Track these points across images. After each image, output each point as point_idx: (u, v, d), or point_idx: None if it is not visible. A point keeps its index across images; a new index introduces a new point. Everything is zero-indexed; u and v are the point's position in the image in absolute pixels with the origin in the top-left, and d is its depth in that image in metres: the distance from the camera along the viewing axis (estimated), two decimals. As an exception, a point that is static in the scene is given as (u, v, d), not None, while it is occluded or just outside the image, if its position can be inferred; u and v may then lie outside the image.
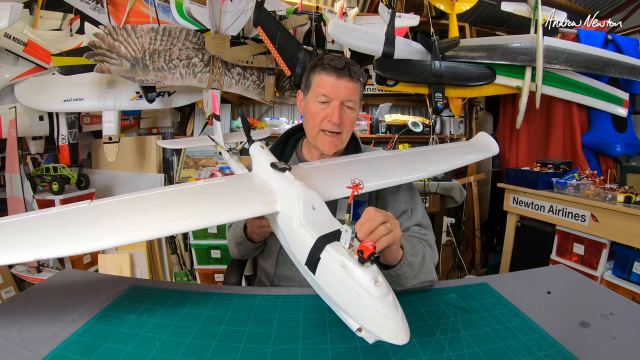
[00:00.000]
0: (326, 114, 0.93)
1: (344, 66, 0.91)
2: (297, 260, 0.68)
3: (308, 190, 0.69)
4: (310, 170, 0.90)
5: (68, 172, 2.26)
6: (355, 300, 0.51)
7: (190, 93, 2.35)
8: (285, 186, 0.74)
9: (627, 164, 2.14)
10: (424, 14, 2.40)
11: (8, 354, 0.60)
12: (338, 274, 0.54)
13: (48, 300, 0.80)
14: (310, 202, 0.67)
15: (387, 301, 0.50)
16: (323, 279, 0.58)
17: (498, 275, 1.37)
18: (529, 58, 2.13)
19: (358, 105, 0.97)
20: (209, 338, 0.66)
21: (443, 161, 1.06)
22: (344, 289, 0.53)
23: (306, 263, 0.61)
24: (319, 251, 0.58)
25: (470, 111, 2.79)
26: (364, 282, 0.51)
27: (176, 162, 2.64)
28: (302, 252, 0.62)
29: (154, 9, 2.10)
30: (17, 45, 2.03)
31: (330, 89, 0.92)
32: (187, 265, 2.57)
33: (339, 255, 0.55)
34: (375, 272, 0.52)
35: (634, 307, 0.77)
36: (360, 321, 0.52)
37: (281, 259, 1.02)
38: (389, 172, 0.93)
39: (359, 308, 0.51)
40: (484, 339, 0.65)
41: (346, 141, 1.01)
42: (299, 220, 0.65)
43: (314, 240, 0.60)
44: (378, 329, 0.49)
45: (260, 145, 0.93)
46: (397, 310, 0.50)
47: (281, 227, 0.73)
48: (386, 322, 0.49)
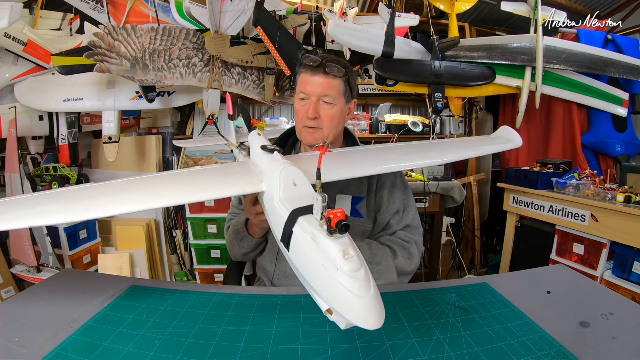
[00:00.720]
0: (305, 110, 0.97)
1: (319, 64, 0.94)
2: (278, 241, 0.64)
3: (291, 167, 0.66)
4: (307, 157, 0.90)
5: (68, 172, 2.26)
6: (323, 276, 0.46)
7: (190, 93, 2.35)
8: (270, 165, 0.74)
9: (627, 164, 2.14)
10: (424, 14, 2.40)
11: (8, 354, 0.60)
12: (308, 247, 0.49)
13: (48, 300, 0.80)
14: (292, 178, 0.65)
15: (357, 277, 0.43)
16: (295, 255, 0.54)
17: (498, 275, 1.38)
18: (529, 58, 2.13)
19: (339, 100, 0.98)
20: (209, 338, 0.66)
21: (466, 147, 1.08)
22: (313, 263, 0.48)
23: (281, 239, 0.58)
24: (292, 225, 0.55)
25: (470, 111, 2.79)
26: (332, 253, 0.45)
27: (176, 162, 2.64)
28: (280, 229, 0.59)
29: (154, 9, 2.10)
30: (17, 45, 2.03)
31: (307, 86, 0.97)
32: (187, 265, 2.57)
33: (309, 226, 0.51)
34: (345, 244, 0.46)
35: (634, 307, 0.77)
36: (328, 300, 0.47)
37: (280, 255, 1.03)
38: (393, 159, 0.94)
39: (326, 284, 0.46)
40: (484, 339, 0.65)
41: (330, 137, 1.01)
42: (279, 196, 0.63)
43: (288, 213, 0.56)
44: (345, 310, 0.43)
45: (257, 132, 0.93)
46: (369, 289, 0.43)
47: (266, 207, 0.72)
48: (355, 302, 0.42)
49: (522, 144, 1.09)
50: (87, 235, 2.30)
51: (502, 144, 1.09)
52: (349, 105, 1.04)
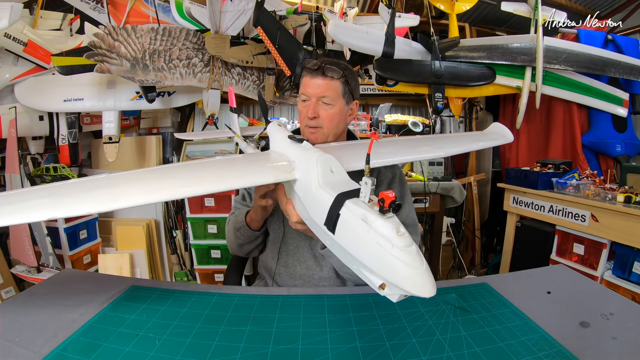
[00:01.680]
0: (306, 111, 1.01)
1: (318, 67, 0.99)
2: (315, 225, 0.67)
3: (326, 154, 0.68)
4: (328, 147, 0.92)
5: (68, 172, 2.26)
6: (378, 253, 0.49)
7: (190, 93, 2.35)
8: (302, 153, 0.74)
9: (627, 164, 2.14)
10: (424, 14, 2.40)
11: (8, 354, 0.60)
12: (359, 227, 0.52)
13: (48, 300, 0.80)
14: (329, 166, 0.67)
15: (411, 251, 0.47)
16: (343, 237, 0.56)
17: (498, 275, 1.38)
18: (529, 58, 2.13)
19: (338, 100, 1.01)
20: (209, 338, 0.66)
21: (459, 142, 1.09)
22: (366, 242, 0.51)
23: (325, 223, 0.59)
24: (338, 208, 0.56)
25: (470, 111, 2.79)
26: (386, 232, 0.49)
27: (176, 162, 2.64)
28: (321, 212, 0.61)
29: (154, 9, 2.10)
30: (17, 45, 2.03)
31: (307, 88, 1.01)
32: (187, 265, 2.57)
33: (359, 208, 0.53)
34: (397, 222, 0.50)
35: (634, 307, 0.77)
36: (383, 275, 0.50)
37: (283, 249, 1.05)
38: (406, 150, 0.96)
39: (381, 260, 0.49)
40: (484, 339, 0.65)
41: (330, 136, 1.03)
42: (317, 182, 0.65)
43: (333, 197, 0.58)
44: (403, 281, 0.47)
45: (278, 123, 0.95)
46: (422, 261, 0.47)
47: (299, 195, 0.72)
48: (411, 273, 0.46)
49: (513, 139, 1.13)
50: (87, 235, 2.30)
51: (496, 139, 1.13)
52: (350, 106, 1.05)
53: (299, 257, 1.03)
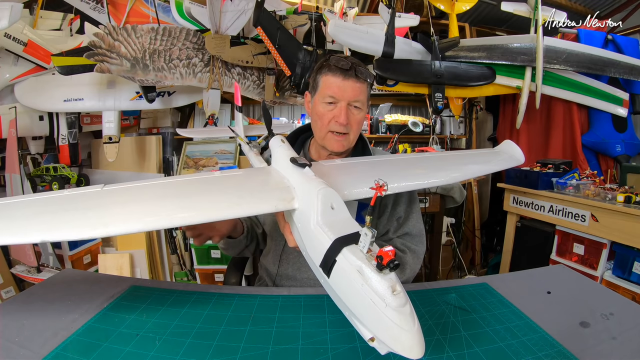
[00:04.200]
0: (333, 115, 0.94)
1: (350, 67, 0.91)
2: (311, 261, 0.66)
3: (328, 188, 0.66)
4: (331, 167, 0.87)
5: (68, 172, 2.26)
6: (370, 309, 0.49)
7: (190, 93, 2.35)
8: (304, 183, 0.71)
9: (627, 164, 2.14)
10: (424, 14, 2.40)
11: (8, 354, 0.60)
12: (354, 279, 0.51)
13: (48, 300, 0.80)
14: (330, 201, 0.64)
15: (403, 312, 0.47)
16: (337, 284, 0.56)
17: (498, 275, 1.37)
18: (529, 58, 2.13)
19: (365, 105, 0.97)
20: (209, 338, 0.66)
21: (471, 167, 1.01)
22: (359, 295, 0.50)
23: (321, 265, 0.58)
24: (335, 254, 0.55)
25: (470, 111, 2.79)
26: (380, 290, 0.48)
27: (176, 162, 2.64)
28: (318, 253, 0.60)
29: (154, 9, 2.10)
30: (17, 45, 2.03)
31: (337, 90, 0.93)
32: (187, 265, 2.57)
33: (356, 259, 0.52)
34: (393, 280, 0.49)
35: (634, 307, 0.77)
36: (374, 331, 0.50)
37: (284, 257, 1.03)
38: (414, 175, 0.89)
39: (373, 317, 0.49)
40: (484, 339, 0.65)
41: (354, 141, 1.00)
42: (316, 219, 0.62)
43: (331, 241, 0.57)
44: (392, 341, 0.47)
45: (281, 139, 0.90)
46: (413, 322, 0.47)
47: (297, 225, 0.70)
48: (401, 334, 0.46)
49: (524, 161, 1.06)
50: (87, 235, 2.30)
51: (507, 160, 1.07)
52: None
53: (300, 265, 1.02)
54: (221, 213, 0.69)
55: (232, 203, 0.70)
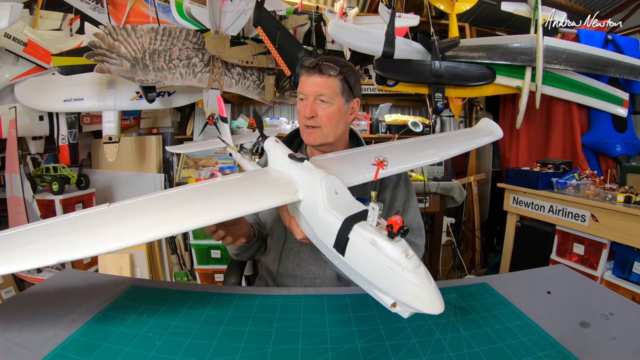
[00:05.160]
0: (303, 110, 0.99)
1: (315, 65, 0.97)
2: (323, 246, 0.68)
3: (329, 176, 0.69)
4: (327, 161, 0.91)
5: (68, 172, 2.26)
6: (388, 275, 0.52)
7: (190, 93, 2.35)
8: (305, 174, 0.74)
9: (627, 164, 2.14)
10: (424, 14, 2.40)
11: (8, 354, 0.60)
12: (368, 251, 0.54)
13: (48, 300, 0.80)
14: (333, 187, 0.68)
15: (419, 272, 0.50)
16: (353, 259, 0.58)
17: (498, 275, 1.38)
18: (529, 58, 2.13)
19: (336, 98, 0.98)
20: (209, 338, 0.66)
21: (453, 146, 1.07)
22: (376, 265, 0.53)
23: (334, 245, 0.61)
24: (347, 232, 0.58)
25: (470, 111, 2.79)
26: (395, 255, 0.51)
27: (176, 162, 2.64)
28: (329, 235, 0.62)
29: (154, 9, 2.10)
30: (17, 45, 2.03)
31: (304, 86, 0.99)
32: (187, 265, 2.57)
33: (367, 233, 0.55)
34: (405, 246, 0.52)
35: (634, 307, 0.77)
36: (394, 295, 0.53)
37: (284, 254, 1.04)
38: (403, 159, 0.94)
39: (392, 282, 0.52)
40: (484, 339, 0.65)
41: (331, 136, 1.01)
42: (323, 205, 0.65)
43: (341, 221, 0.60)
44: (413, 301, 0.50)
45: (275, 139, 0.94)
46: (430, 281, 0.51)
47: (304, 215, 0.72)
48: (421, 293, 0.50)
49: (502, 135, 1.12)
50: (87, 235, 2.30)
51: (487, 136, 1.12)
52: (351, 104, 1.03)
53: (300, 262, 1.03)
54: (231, 212, 0.71)
55: (240, 202, 0.73)
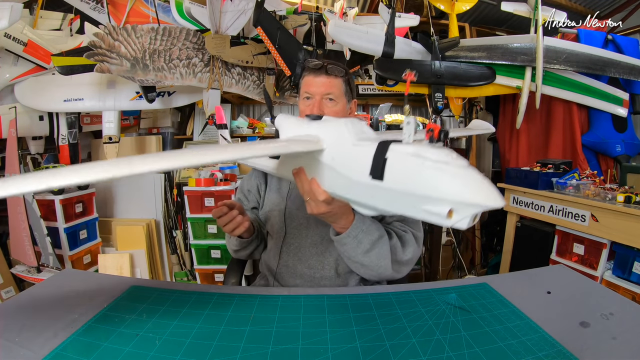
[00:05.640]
0: (309, 110, 1.01)
1: (321, 66, 1.01)
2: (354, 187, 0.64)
3: (352, 118, 0.69)
4: None
5: (68, 172, 2.26)
6: (441, 178, 0.50)
7: (190, 93, 2.35)
8: (326, 125, 0.73)
9: (627, 164, 2.14)
10: (424, 14, 2.40)
11: (8, 354, 0.60)
12: (412, 164, 0.52)
13: (48, 300, 0.80)
14: (360, 127, 0.68)
15: (472, 169, 0.49)
16: (394, 180, 0.56)
17: (498, 275, 1.37)
18: (529, 58, 2.13)
19: (341, 98, 1.03)
20: (209, 338, 0.66)
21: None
22: (424, 174, 0.51)
23: (371, 172, 0.58)
24: (384, 153, 0.56)
25: (470, 111, 2.79)
26: (444, 157, 0.50)
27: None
28: (363, 167, 0.59)
29: (154, 9, 2.10)
30: (17, 45, 2.03)
31: (310, 86, 1.01)
32: (187, 265, 2.57)
33: (407, 147, 0.54)
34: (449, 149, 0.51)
35: (634, 307, 0.77)
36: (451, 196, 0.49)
37: (284, 249, 1.05)
38: None
39: (447, 183, 0.49)
40: (484, 339, 0.65)
41: None
42: (352, 141, 0.64)
43: (375, 146, 0.58)
44: (474, 195, 0.48)
45: (286, 115, 0.93)
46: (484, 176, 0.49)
47: (328, 163, 0.70)
48: (479, 185, 0.48)
49: (494, 129, 1.21)
50: (87, 235, 2.30)
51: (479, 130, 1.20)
52: (350, 105, 1.08)
53: (301, 256, 1.04)
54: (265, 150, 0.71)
55: (262, 148, 0.72)
